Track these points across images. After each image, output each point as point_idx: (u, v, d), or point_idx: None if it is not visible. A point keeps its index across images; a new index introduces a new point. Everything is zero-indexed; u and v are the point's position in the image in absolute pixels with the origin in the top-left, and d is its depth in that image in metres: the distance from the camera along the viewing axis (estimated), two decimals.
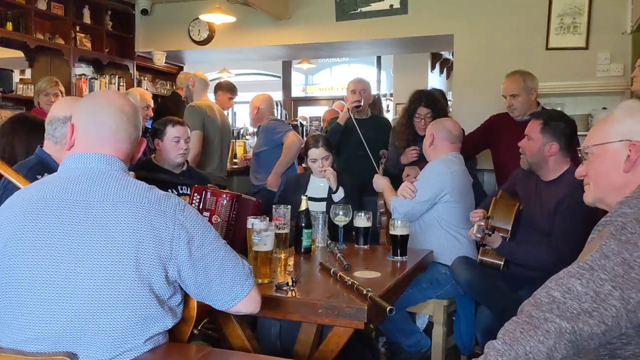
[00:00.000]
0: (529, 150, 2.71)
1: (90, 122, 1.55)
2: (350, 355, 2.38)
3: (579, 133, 2.84)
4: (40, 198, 1.45)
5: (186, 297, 1.56)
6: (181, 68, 7.58)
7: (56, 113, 2.20)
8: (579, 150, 1.50)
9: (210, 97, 5.02)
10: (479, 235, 2.54)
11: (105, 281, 1.37)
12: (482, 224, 2.53)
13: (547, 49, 4.91)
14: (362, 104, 4.01)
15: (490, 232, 2.56)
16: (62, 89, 4.52)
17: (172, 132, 3.22)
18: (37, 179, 1.98)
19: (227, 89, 5.27)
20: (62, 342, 1.35)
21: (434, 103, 3.61)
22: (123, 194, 1.45)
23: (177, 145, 3.22)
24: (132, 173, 2.35)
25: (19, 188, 1.90)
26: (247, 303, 1.54)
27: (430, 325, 3.21)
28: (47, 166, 2.17)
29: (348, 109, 4.01)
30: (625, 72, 4.63)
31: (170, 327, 1.48)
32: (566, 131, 2.65)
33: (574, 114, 4.59)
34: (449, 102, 5.39)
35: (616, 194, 1.35)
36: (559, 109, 4.74)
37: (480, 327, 2.72)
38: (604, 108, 4.58)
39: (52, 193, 1.45)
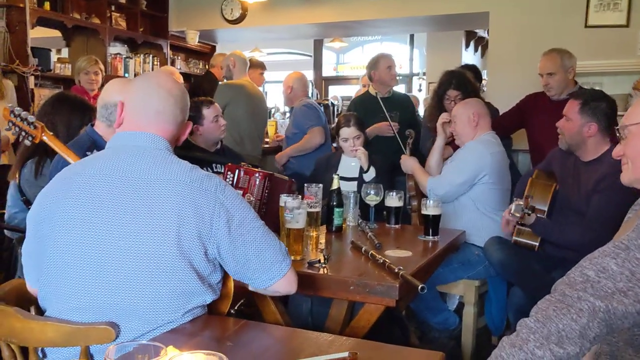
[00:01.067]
0: (567, 130, 2.66)
1: (139, 102, 1.59)
2: (380, 333, 2.41)
3: (618, 113, 2.77)
4: (89, 173, 1.50)
5: (225, 276, 1.59)
6: (214, 47, 7.62)
7: (111, 97, 2.24)
8: (617, 129, 1.48)
9: None
10: (518, 215, 2.50)
11: (147, 256, 1.41)
12: (522, 202, 2.50)
13: (586, 26, 4.78)
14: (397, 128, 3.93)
15: (530, 212, 2.52)
16: (102, 67, 4.61)
17: (209, 113, 3.26)
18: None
19: (256, 65, 5.28)
20: (105, 312, 1.40)
21: (464, 85, 3.56)
22: (167, 172, 1.48)
23: (218, 123, 3.28)
24: None
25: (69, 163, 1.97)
26: (284, 283, 1.56)
27: (460, 306, 3.21)
28: (99, 147, 2.22)
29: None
30: None
31: (209, 302, 1.52)
32: (607, 111, 2.59)
33: (613, 93, 4.47)
34: (483, 81, 5.30)
35: None
36: (597, 88, 4.64)
37: (513, 307, 2.71)
38: None
39: (100, 169, 1.50)
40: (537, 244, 2.69)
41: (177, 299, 1.44)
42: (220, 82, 5.22)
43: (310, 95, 5.56)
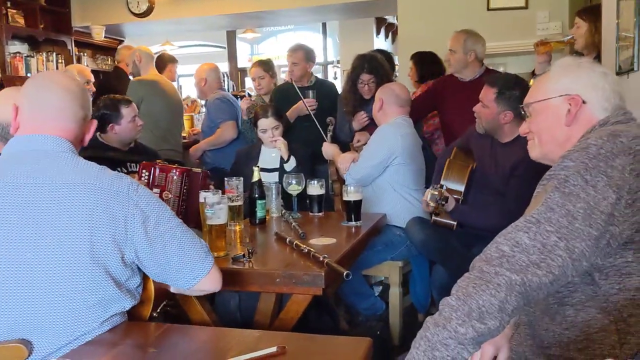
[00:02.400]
0: (484, 116, 2.71)
1: (34, 102, 1.49)
2: (310, 322, 2.41)
3: None
4: None
5: (145, 279, 1.53)
6: (122, 42, 7.34)
7: (4, 115, 2.06)
8: (521, 107, 1.54)
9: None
10: (433, 205, 2.57)
11: (58, 267, 1.34)
12: (436, 192, 2.57)
13: (488, 9, 4.97)
14: (315, 105, 3.88)
15: (444, 202, 2.59)
16: None
17: (127, 112, 3.14)
18: None
19: (168, 60, 5.14)
20: (18, 329, 1.32)
21: (376, 68, 3.61)
22: (74, 176, 1.40)
23: (135, 123, 3.17)
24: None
25: None
26: (208, 281, 1.51)
27: (386, 288, 3.27)
28: None
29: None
30: (564, 29, 4.73)
31: (128, 309, 1.46)
32: (521, 98, 2.66)
33: (516, 72, 4.69)
34: (395, 66, 5.40)
35: (559, 149, 1.39)
36: (501, 69, 4.84)
37: (436, 285, 2.80)
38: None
39: (1, 178, 1.40)
40: (455, 222, 2.78)
41: (94, 308, 1.37)
42: (131, 79, 5.03)
43: (225, 87, 5.46)
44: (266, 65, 4.34)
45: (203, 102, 5.28)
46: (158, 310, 1.62)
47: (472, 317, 1.13)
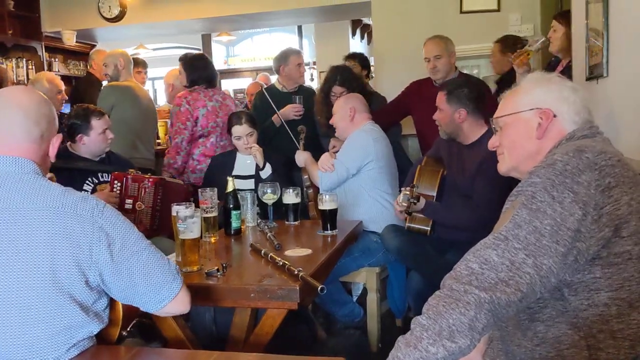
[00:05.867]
0: (442, 120, 2.81)
1: None
2: (287, 331, 2.40)
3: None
4: None
5: (112, 299, 1.51)
6: (94, 47, 7.23)
7: None
8: (491, 121, 1.54)
9: None
10: (405, 204, 2.60)
11: (19, 294, 1.31)
12: (408, 192, 2.59)
13: (461, 12, 5.02)
14: (302, 111, 3.90)
15: (416, 201, 2.63)
16: None
17: (98, 124, 3.06)
18: None
19: (137, 64, 5.06)
20: None
21: (348, 81, 3.63)
22: (35, 199, 1.37)
23: (105, 135, 3.09)
24: (50, 175, 2.21)
25: None
26: (175, 304, 1.49)
27: (365, 292, 3.28)
28: None
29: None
30: (536, 31, 4.80)
31: (96, 332, 1.43)
32: (471, 95, 2.74)
33: (490, 75, 4.75)
34: (371, 68, 5.40)
35: (530, 161, 1.41)
36: (475, 71, 4.89)
37: (412, 291, 2.81)
38: None
39: None
40: (429, 228, 2.80)
41: (59, 335, 1.34)
42: (104, 84, 4.94)
43: None
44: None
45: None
46: (128, 329, 1.60)
47: (443, 336, 1.13)
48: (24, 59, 6.23)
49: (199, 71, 3.87)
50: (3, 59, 6.12)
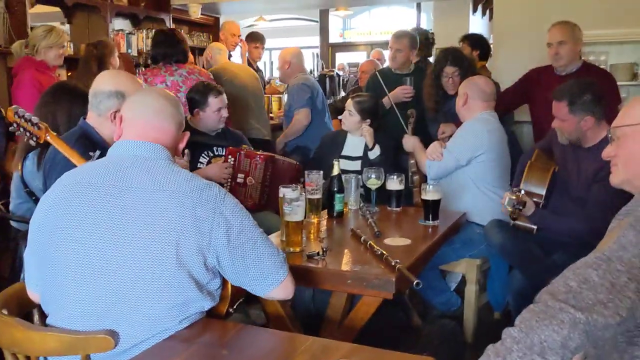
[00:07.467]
0: (565, 129, 2.64)
1: (136, 114, 1.63)
2: (382, 316, 2.45)
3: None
4: (89, 182, 1.53)
5: (223, 279, 1.62)
6: (217, 19, 7.55)
7: (101, 86, 2.23)
8: (609, 130, 1.47)
9: None
10: (510, 209, 2.51)
11: (146, 267, 1.45)
12: (514, 197, 2.50)
13: None
14: (412, 93, 3.87)
15: (521, 207, 2.50)
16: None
17: (214, 103, 3.22)
18: (84, 150, 2.08)
19: (253, 39, 5.17)
20: (105, 320, 1.44)
21: (460, 60, 3.54)
22: (168, 182, 1.51)
23: (219, 114, 3.25)
24: (187, 152, 2.45)
25: (67, 160, 2.00)
26: (280, 290, 1.61)
27: (462, 283, 3.25)
28: (91, 138, 2.23)
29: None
30: None
31: (207, 309, 1.55)
32: (594, 99, 2.56)
33: (618, 62, 4.43)
34: (490, 47, 5.17)
35: None
36: (603, 57, 4.56)
37: (513, 289, 2.73)
38: None
39: (99, 178, 1.53)
40: (536, 227, 2.69)
41: (175, 307, 1.47)
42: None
43: (311, 69, 5.45)
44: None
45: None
46: (234, 307, 1.72)
47: (534, 351, 1.13)
48: (154, 30, 6.62)
49: (162, 48, 3.91)
50: (135, 29, 6.55)
